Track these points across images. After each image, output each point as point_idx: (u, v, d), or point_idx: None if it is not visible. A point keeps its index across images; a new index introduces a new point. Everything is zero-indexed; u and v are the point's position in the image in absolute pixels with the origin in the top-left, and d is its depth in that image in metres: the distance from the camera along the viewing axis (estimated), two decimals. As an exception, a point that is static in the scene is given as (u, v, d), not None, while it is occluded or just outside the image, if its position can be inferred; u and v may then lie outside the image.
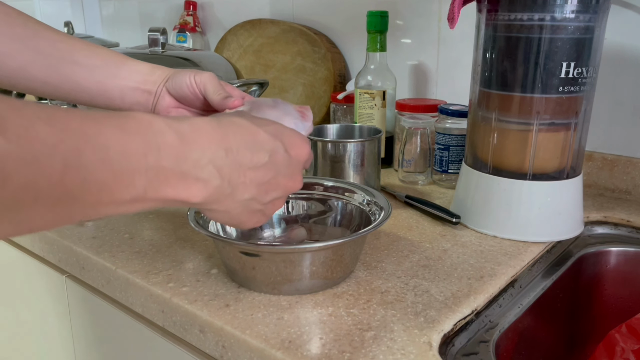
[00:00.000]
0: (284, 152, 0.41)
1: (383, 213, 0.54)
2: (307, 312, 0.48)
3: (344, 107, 1.02)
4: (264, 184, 0.40)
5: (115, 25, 1.73)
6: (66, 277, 0.70)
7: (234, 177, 0.38)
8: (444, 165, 0.83)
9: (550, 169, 0.63)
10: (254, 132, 0.40)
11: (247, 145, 0.39)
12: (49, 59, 0.52)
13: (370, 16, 0.87)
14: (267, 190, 0.41)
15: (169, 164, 0.33)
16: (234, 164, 0.37)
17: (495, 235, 0.64)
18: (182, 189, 0.34)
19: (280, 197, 0.43)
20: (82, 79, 0.53)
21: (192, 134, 0.35)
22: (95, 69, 0.53)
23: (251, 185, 0.39)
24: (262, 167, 0.40)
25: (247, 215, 0.41)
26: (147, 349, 0.60)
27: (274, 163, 0.40)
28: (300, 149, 0.43)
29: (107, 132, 0.30)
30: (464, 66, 0.94)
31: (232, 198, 0.38)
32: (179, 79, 0.53)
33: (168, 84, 0.54)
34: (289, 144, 0.42)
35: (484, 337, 0.48)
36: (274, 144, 0.40)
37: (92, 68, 0.53)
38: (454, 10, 0.60)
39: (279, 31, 1.17)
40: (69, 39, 0.53)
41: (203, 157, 0.35)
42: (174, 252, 0.60)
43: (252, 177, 0.39)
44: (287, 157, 0.41)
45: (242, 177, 0.38)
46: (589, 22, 0.58)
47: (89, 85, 0.53)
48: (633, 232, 0.70)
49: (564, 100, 0.60)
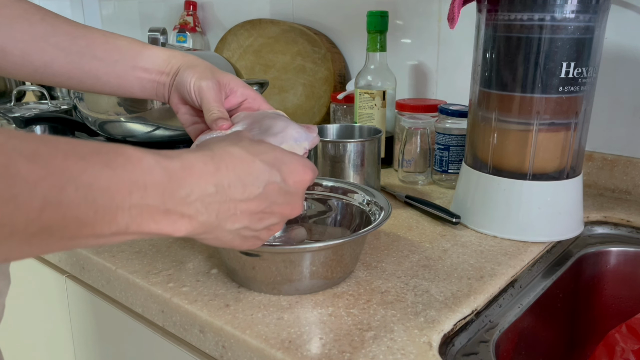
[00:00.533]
0: (280, 182, 0.40)
1: (383, 213, 0.54)
2: (307, 312, 0.48)
3: (344, 107, 1.02)
4: (257, 213, 0.39)
5: (115, 25, 1.73)
6: (66, 277, 0.70)
7: (223, 211, 0.37)
8: (444, 165, 0.83)
9: (550, 169, 0.63)
10: (249, 163, 0.39)
11: (240, 178, 0.38)
12: (70, 56, 0.53)
13: (370, 16, 0.87)
14: (261, 218, 0.40)
15: (154, 201, 0.32)
16: (224, 199, 0.37)
17: (495, 235, 0.64)
18: (166, 225, 0.34)
19: (276, 224, 0.42)
20: (103, 74, 0.54)
21: (182, 171, 0.34)
22: (114, 64, 0.54)
23: (242, 216, 0.39)
24: (255, 198, 0.39)
25: (239, 241, 0.40)
26: (147, 349, 0.60)
27: (267, 194, 0.39)
28: (299, 175, 0.42)
29: (91, 170, 0.29)
30: (464, 66, 0.94)
31: (221, 229, 0.38)
32: (182, 79, 0.53)
33: (176, 80, 0.54)
34: (287, 172, 0.41)
35: (484, 337, 0.48)
36: (270, 175, 0.40)
37: (111, 63, 0.54)
38: (454, 10, 0.60)
39: (279, 31, 1.17)
40: (87, 33, 0.54)
41: (191, 195, 0.35)
42: (174, 252, 0.60)
43: (243, 209, 0.38)
44: (284, 186, 0.40)
45: (232, 209, 0.38)
46: (589, 22, 0.58)
47: (110, 80, 0.54)
48: (633, 232, 0.70)
49: (564, 100, 0.60)
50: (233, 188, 0.37)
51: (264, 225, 0.41)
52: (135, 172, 0.31)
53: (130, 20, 1.67)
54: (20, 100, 1.25)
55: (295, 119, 1.15)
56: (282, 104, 1.17)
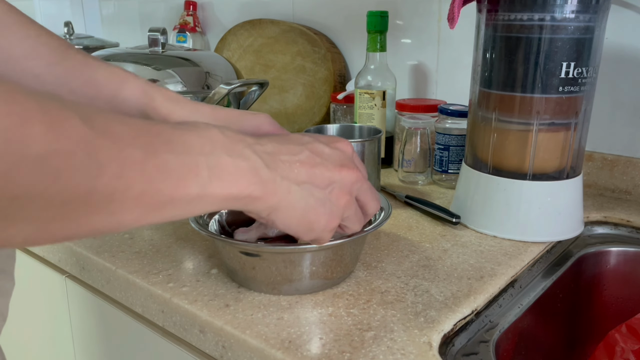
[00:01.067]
0: (321, 144, 0.41)
1: (383, 213, 0.54)
2: (307, 312, 0.48)
3: (344, 107, 1.02)
4: (314, 166, 0.39)
5: (115, 25, 1.73)
6: (66, 277, 0.70)
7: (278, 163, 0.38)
8: (444, 165, 0.83)
9: (550, 169, 0.63)
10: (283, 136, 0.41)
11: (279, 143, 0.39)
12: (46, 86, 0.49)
13: (370, 16, 0.87)
14: (322, 174, 0.40)
15: (221, 153, 0.34)
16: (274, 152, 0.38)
17: (495, 235, 0.64)
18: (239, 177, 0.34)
19: (341, 187, 0.41)
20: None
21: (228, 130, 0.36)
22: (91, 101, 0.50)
23: (300, 167, 0.39)
24: (302, 153, 0.39)
25: (313, 209, 0.39)
26: (147, 349, 0.60)
27: (314, 150, 0.40)
28: (339, 142, 0.43)
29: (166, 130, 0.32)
30: (464, 66, 0.94)
31: (288, 186, 0.38)
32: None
33: None
34: (325, 139, 0.42)
35: (484, 337, 0.48)
36: (307, 139, 0.41)
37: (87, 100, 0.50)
38: (454, 10, 0.60)
39: (279, 31, 1.17)
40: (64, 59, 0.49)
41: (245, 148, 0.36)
42: (174, 252, 0.60)
43: (295, 160, 0.39)
44: (327, 148, 0.41)
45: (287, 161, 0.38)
46: (589, 22, 0.58)
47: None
48: (633, 232, 0.70)
49: (564, 100, 0.60)
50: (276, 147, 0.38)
51: (327, 183, 0.40)
52: (198, 130, 0.34)
53: (130, 20, 1.66)
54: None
55: (295, 118, 1.15)
56: (282, 104, 1.17)
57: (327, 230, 0.42)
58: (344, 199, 0.42)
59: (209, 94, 0.85)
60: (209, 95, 0.84)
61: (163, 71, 0.85)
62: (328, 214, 0.41)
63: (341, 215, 0.42)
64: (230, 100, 0.92)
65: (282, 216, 0.39)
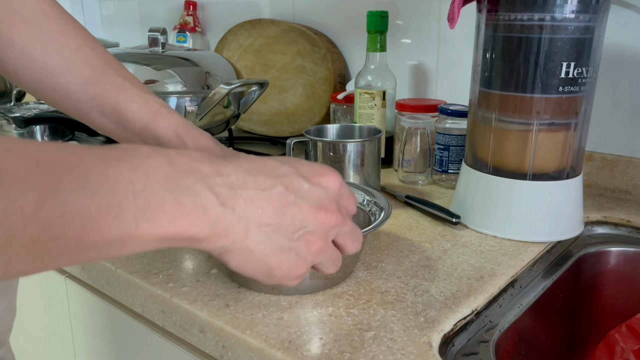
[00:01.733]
0: (299, 179, 0.35)
1: (383, 213, 0.54)
2: (307, 312, 0.48)
3: (344, 107, 1.02)
4: (285, 205, 0.34)
5: (115, 25, 1.73)
6: (66, 277, 0.70)
7: (238, 200, 0.32)
8: (444, 165, 0.83)
9: (550, 169, 0.63)
10: (258, 161, 0.35)
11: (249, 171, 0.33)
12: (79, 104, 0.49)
13: (370, 16, 0.87)
14: (293, 216, 0.34)
15: (158, 188, 0.29)
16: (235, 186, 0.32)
17: (495, 235, 0.64)
18: (179, 217, 0.30)
19: (313, 232, 0.35)
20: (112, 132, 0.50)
21: (180, 157, 0.31)
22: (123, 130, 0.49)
23: (267, 209, 0.33)
24: (272, 189, 0.34)
25: (275, 255, 0.34)
26: (147, 349, 0.60)
27: (287, 186, 0.34)
28: (325, 176, 0.36)
29: (85, 162, 0.27)
30: (464, 66, 0.94)
31: (247, 227, 0.33)
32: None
33: None
34: (306, 171, 0.36)
35: (484, 337, 0.48)
36: (286, 170, 0.35)
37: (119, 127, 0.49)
38: (454, 10, 0.60)
39: (279, 31, 1.17)
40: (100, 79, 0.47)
41: (196, 182, 0.31)
42: (174, 252, 0.60)
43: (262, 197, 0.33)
44: (307, 183, 0.35)
45: (250, 196, 0.33)
46: (589, 22, 0.58)
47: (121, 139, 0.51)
48: (633, 232, 0.70)
49: (564, 100, 0.60)
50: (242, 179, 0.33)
51: (297, 228, 0.35)
52: (133, 160, 0.29)
53: (130, 20, 1.66)
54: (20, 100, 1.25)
55: (295, 119, 1.15)
56: (282, 104, 1.17)
57: (290, 278, 0.36)
58: (316, 245, 0.36)
59: (209, 94, 0.85)
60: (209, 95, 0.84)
61: (163, 71, 0.85)
62: (293, 261, 0.36)
63: (311, 262, 0.37)
64: (230, 100, 0.92)
65: (236, 259, 0.34)
